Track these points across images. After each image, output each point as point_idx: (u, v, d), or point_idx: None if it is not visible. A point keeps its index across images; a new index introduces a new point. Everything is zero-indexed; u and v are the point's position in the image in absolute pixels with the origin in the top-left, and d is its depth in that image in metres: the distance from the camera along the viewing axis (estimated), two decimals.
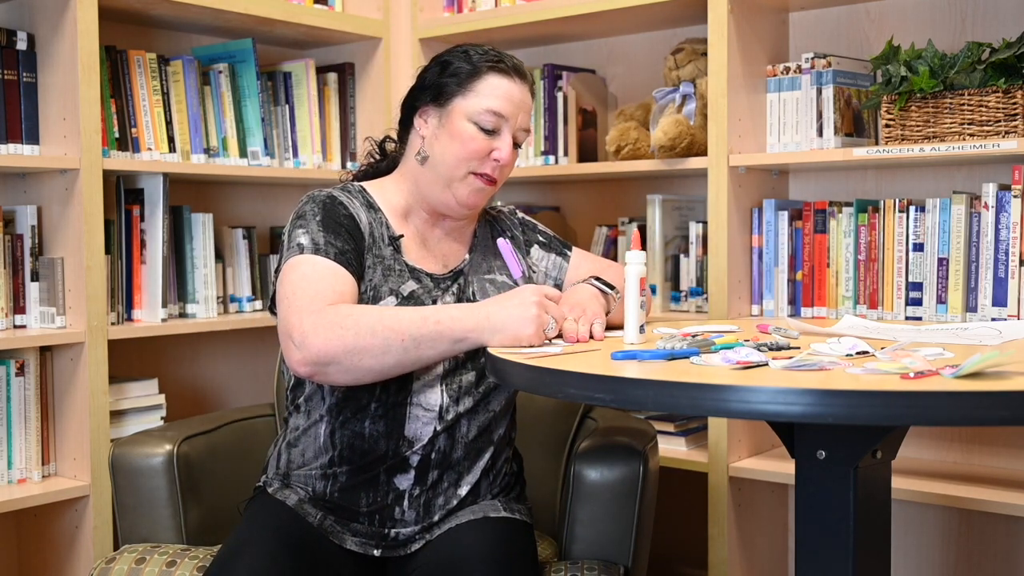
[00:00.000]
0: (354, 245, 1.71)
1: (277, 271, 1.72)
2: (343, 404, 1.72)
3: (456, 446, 1.74)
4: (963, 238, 2.22)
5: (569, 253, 1.96)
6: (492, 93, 1.76)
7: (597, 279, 1.81)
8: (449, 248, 1.84)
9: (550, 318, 1.58)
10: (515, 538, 1.71)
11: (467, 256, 1.85)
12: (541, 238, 1.96)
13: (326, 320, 1.57)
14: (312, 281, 1.63)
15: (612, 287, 1.80)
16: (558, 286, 1.93)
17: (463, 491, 1.75)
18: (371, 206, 1.79)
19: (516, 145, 1.80)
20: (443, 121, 1.77)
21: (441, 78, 1.78)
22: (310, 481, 1.75)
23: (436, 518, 1.73)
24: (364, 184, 1.84)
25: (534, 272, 1.93)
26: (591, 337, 1.64)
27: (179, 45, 2.82)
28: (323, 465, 1.74)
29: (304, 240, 1.68)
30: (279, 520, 1.70)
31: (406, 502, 1.72)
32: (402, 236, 1.79)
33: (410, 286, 1.75)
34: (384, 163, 1.93)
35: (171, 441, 1.95)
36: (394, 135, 1.92)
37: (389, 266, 1.75)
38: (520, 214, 1.99)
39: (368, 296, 1.71)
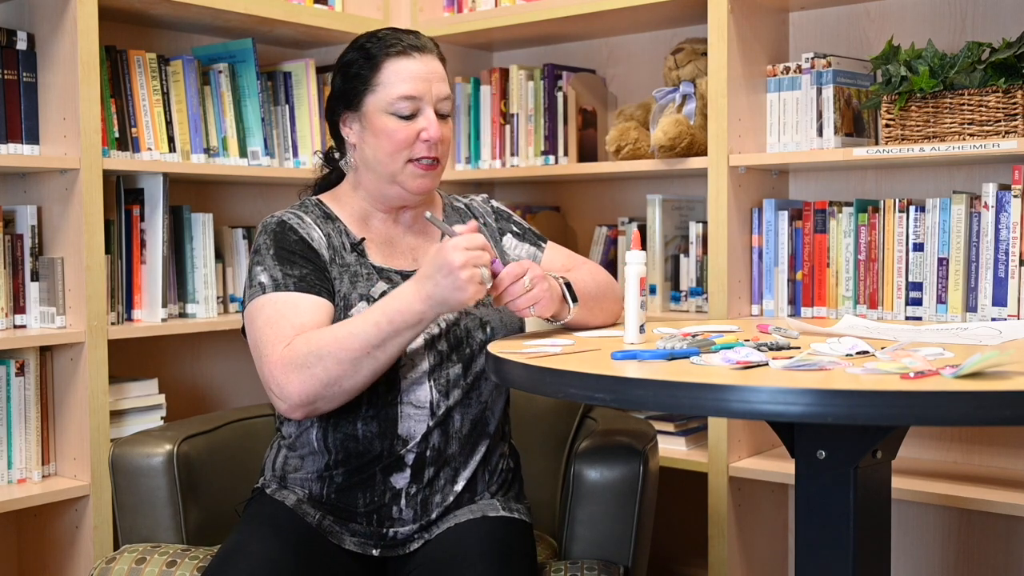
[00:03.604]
0: (312, 267, 1.72)
1: (243, 304, 1.74)
2: (334, 411, 1.71)
3: (451, 441, 1.74)
4: (963, 238, 2.22)
5: (544, 245, 1.94)
6: (397, 79, 1.74)
7: (567, 285, 1.76)
8: (416, 242, 1.84)
9: (480, 270, 1.57)
10: (514, 537, 1.71)
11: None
12: (515, 228, 1.94)
13: (293, 365, 1.60)
14: (273, 323, 1.66)
15: (575, 299, 1.75)
16: None
17: (459, 486, 1.75)
18: (328, 216, 1.80)
19: (442, 116, 1.78)
20: (363, 123, 1.77)
21: (347, 83, 1.78)
22: (307, 484, 1.75)
23: (434, 516, 1.73)
24: (321, 197, 1.85)
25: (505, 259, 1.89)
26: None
27: (179, 45, 2.82)
28: (319, 468, 1.74)
29: (263, 278, 1.70)
30: (277, 520, 1.70)
31: (403, 501, 1.72)
32: (363, 239, 1.78)
33: (380, 287, 1.73)
34: (333, 174, 1.92)
35: (171, 441, 1.95)
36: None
37: (356, 272, 1.74)
38: (494, 202, 1.97)
39: (340, 306, 1.72)
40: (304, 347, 1.61)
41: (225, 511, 1.97)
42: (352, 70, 1.78)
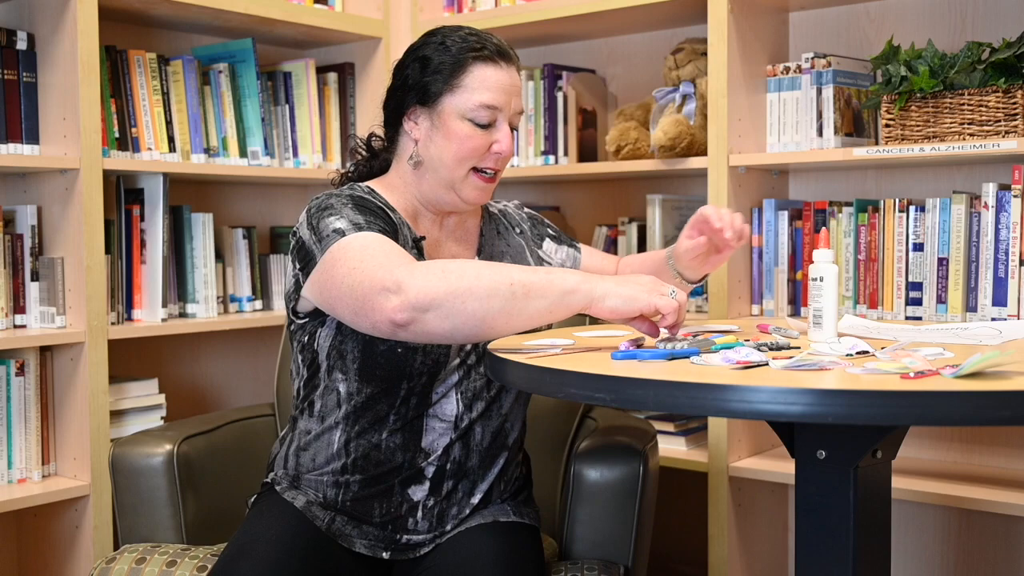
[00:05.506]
0: (393, 230, 1.62)
1: (307, 271, 1.59)
2: (360, 413, 1.68)
3: (471, 455, 1.72)
4: (963, 238, 2.22)
5: (578, 245, 1.95)
6: (481, 85, 1.66)
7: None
8: (456, 250, 1.79)
9: (671, 289, 1.48)
10: (524, 543, 1.70)
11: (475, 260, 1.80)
12: (551, 232, 1.93)
13: (423, 266, 1.46)
14: (377, 248, 1.51)
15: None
16: None
17: (476, 499, 1.73)
18: (387, 206, 1.70)
19: (513, 129, 1.73)
20: (435, 122, 1.68)
21: (424, 77, 1.69)
22: (321, 487, 1.72)
23: (449, 527, 1.72)
24: (370, 184, 1.75)
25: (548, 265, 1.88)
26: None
27: (179, 45, 2.82)
28: (335, 471, 1.71)
29: (341, 224, 1.55)
30: (285, 522, 1.67)
31: (419, 513, 1.70)
32: (424, 238, 1.71)
33: None
34: (376, 162, 1.82)
35: (171, 441, 1.95)
36: (379, 132, 1.82)
37: None
38: (527, 209, 1.96)
39: None
40: (442, 261, 1.50)
41: (225, 511, 1.97)
42: (433, 64, 1.68)
